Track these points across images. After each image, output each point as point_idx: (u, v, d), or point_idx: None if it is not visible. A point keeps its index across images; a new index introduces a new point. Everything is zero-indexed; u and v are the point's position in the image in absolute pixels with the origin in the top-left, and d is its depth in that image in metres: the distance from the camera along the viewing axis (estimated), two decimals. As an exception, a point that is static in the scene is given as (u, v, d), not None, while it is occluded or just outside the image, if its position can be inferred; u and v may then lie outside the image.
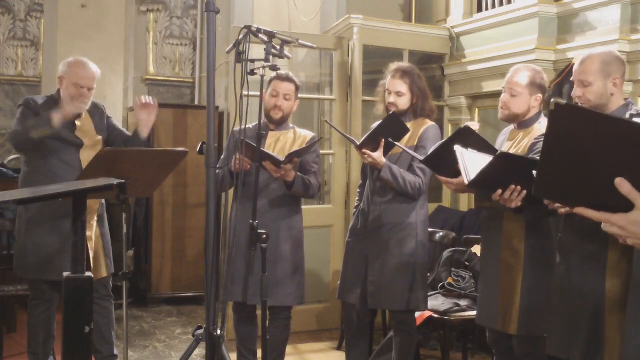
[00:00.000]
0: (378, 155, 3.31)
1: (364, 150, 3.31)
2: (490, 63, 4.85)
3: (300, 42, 3.16)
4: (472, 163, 2.63)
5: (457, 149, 2.68)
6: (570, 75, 2.78)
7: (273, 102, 3.49)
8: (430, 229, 3.98)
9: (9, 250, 4.51)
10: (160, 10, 6.95)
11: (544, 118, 3.03)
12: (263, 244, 2.99)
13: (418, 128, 3.48)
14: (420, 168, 3.38)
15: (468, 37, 5.19)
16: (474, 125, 2.96)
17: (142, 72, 6.84)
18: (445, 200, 5.39)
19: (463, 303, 3.92)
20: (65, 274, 2.23)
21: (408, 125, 3.36)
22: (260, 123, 3.13)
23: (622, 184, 1.23)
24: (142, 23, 6.89)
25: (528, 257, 2.93)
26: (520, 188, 2.59)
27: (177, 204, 5.77)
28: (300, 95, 3.67)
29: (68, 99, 3.38)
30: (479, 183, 2.60)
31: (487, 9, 5.06)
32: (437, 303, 3.91)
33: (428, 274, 3.81)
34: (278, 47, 2.97)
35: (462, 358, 4.10)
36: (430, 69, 5.47)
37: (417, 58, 5.37)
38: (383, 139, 3.29)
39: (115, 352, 3.65)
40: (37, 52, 7.15)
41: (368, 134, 3.34)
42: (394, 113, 3.39)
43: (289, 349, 3.96)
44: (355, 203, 3.75)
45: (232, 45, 2.91)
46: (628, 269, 2.40)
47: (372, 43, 5.06)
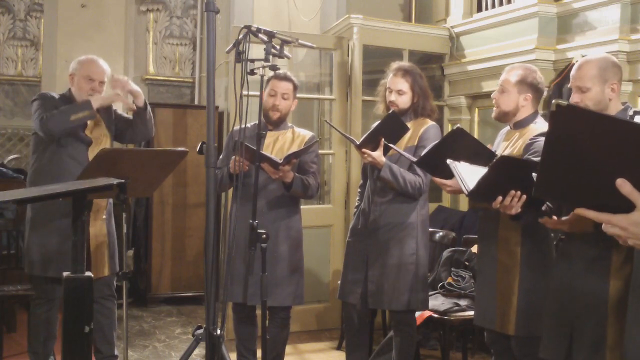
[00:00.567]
0: (378, 155, 3.30)
1: (364, 150, 3.31)
2: (490, 63, 4.85)
3: (300, 42, 3.16)
4: (467, 174, 2.60)
5: (450, 164, 2.65)
6: (571, 75, 2.79)
7: (271, 101, 3.48)
8: (431, 229, 3.98)
9: (9, 250, 4.51)
10: (160, 10, 6.96)
11: (540, 118, 3.03)
12: (263, 244, 2.98)
13: (419, 128, 3.47)
14: (421, 168, 3.38)
15: (468, 37, 5.20)
16: None
17: (142, 72, 6.84)
18: (446, 200, 5.39)
19: (463, 303, 3.92)
20: (66, 274, 2.23)
21: (409, 125, 3.36)
22: (260, 123, 3.12)
23: (623, 185, 1.23)
24: (142, 23, 6.89)
25: (525, 258, 2.92)
26: (520, 193, 2.57)
27: (177, 204, 5.77)
28: (300, 95, 3.67)
29: (82, 95, 3.42)
30: (479, 192, 2.57)
31: (487, 9, 5.06)
32: (437, 303, 3.91)
33: (428, 274, 3.81)
34: (278, 47, 2.96)
35: (462, 358, 4.10)
36: (430, 69, 5.47)
37: (417, 58, 5.37)
38: (383, 139, 3.29)
39: (116, 352, 3.65)
40: (37, 52, 7.16)
41: (368, 134, 3.34)
42: (394, 112, 3.38)
43: (289, 349, 3.96)
44: (356, 203, 3.74)
45: (232, 45, 2.90)
46: (631, 272, 2.38)
47: (372, 43, 5.06)
